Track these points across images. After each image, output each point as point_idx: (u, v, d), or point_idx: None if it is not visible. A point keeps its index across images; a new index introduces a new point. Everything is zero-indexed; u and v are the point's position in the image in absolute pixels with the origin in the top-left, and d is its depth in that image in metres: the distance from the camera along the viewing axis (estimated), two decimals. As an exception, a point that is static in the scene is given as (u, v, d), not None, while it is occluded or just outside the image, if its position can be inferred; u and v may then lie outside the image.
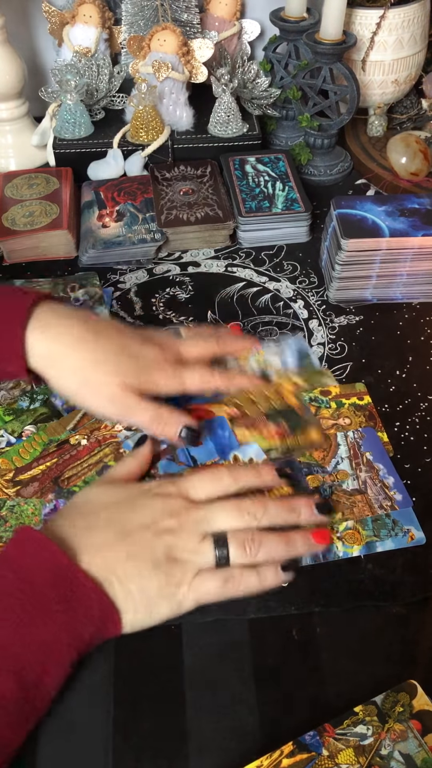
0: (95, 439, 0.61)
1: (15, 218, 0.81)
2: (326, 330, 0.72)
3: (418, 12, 0.91)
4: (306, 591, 0.51)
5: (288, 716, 0.45)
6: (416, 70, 0.97)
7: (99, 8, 0.94)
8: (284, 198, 0.84)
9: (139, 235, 0.81)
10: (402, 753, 0.42)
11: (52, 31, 0.97)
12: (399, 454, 0.60)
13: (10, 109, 0.94)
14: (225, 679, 0.47)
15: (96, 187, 0.88)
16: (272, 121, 1.00)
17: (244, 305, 0.76)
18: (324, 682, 0.47)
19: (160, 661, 0.47)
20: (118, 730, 0.45)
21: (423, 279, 0.74)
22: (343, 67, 0.87)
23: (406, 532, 0.54)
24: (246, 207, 0.83)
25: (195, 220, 0.81)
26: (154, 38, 0.91)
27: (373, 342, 0.71)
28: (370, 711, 0.44)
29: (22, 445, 0.60)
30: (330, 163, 0.94)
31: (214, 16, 0.99)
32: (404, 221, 0.72)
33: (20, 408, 0.64)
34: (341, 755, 0.42)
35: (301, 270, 0.80)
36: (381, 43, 0.92)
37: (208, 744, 0.44)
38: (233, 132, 0.92)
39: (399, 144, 0.89)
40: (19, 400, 0.64)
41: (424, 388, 0.66)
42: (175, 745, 0.44)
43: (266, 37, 1.00)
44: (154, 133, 0.91)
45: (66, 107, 0.91)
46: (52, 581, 0.43)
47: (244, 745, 0.44)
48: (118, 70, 0.95)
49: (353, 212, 0.73)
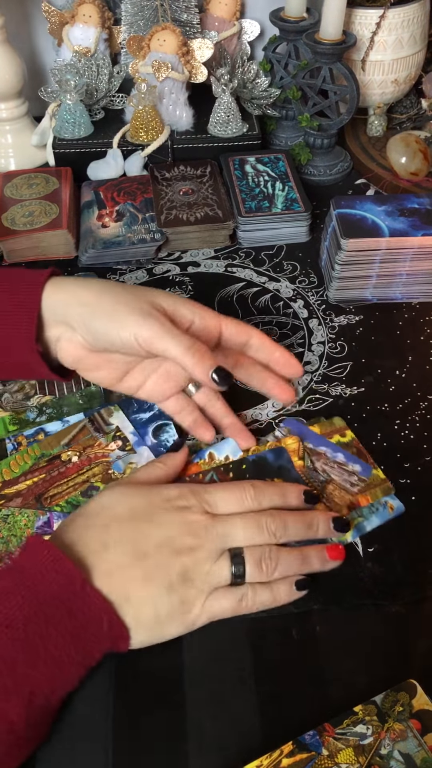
0: (86, 457, 0.58)
1: (15, 218, 0.81)
2: (326, 330, 0.72)
3: (418, 12, 0.91)
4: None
5: (288, 716, 0.45)
6: (416, 70, 0.97)
7: (98, 8, 0.94)
8: (284, 198, 0.84)
9: (138, 235, 0.81)
10: (402, 752, 0.42)
11: (52, 31, 0.97)
12: (399, 454, 0.60)
13: (9, 109, 0.94)
14: (225, 679, 0.47)
15: (96, 187, 0.88)
16: (272, 121, 1.00)
17: (244, 305, 0.76)
18: (324, 681, 0.47)
19: (160, 660, 0.47)
20: (118, 730, 0.44)
21: (423, 279, 0.74)
22: (343, 67, 0.87)
23: (384, 504, 0.55)
24: (246, 207, 0.83)
25: (195, 220, 0.81)
26: (153, 38, 0.91)
27: (373, 342, 0.71)
28: (370, 710, 0.44)
29: (14, 457, 0.58)
30: (330, 163, 0.94)
31: (213, 16, 0.99)
32: (404, 221, 0.72)
33: (27, 419, 0.62)
34: (341, 755, 0.42)
35: (300, 270, 0.80)
36: (381, 42, 0.92)
37: (208, 744, 0.44)
38: (233, 132, 0.92)
39: (399, 144, 0.89)
40: (28, 411, 0.62)
41: (424, 388, 0.66)
42: (175, 744, 0.44)
43: (266, 37, 1.00)
44: (153, 133, 0.91)
45: (66, 107, 0.91)
46: (64, 597, 0.42)
47: (244, 745, 0.44)
48: (118, 70, 0.96)
49: (353, 212, 0.73)
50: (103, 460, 0.58)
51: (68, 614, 0.41)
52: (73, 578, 0.42)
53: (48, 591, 0.42)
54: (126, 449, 0.59)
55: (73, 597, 0.42)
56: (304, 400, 0.65)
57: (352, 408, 0.64)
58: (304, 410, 0.64)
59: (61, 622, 0.41)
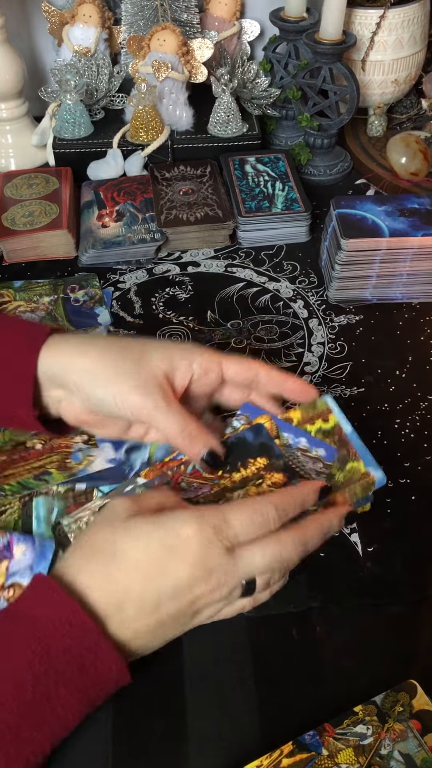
0: (50, 446, 0.60)
1: (15, 218, 0.81)
2: (326, 330, 0.72)
3: (418, 12, 0.91)
4: (305, 590, 0.51)
5: (288, 716, 0.45)
6: (416, 70, 0.97)
7: (99, 8, 0.94)
8: (284, 198, 0.84)
9: (138, 235, 0.81)
10: (402, 753, 0.42)
11: (52, 30, 0.97)
12: (399, 453, 0.60)
13: (10, 109, 0.94)
14: (225, 679, 0.47)
15: (96, 187, 0.88)
16: (272, 121, 1.00)
17: (244, 305, 0.76)
18: (324, 681, 0.47)
19: (160, 660, 0.47)
20: (118, 731, 0.45)
21: (423, 279, 0.74)
22: (343, 67, 0.87)
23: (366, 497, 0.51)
24: (246, 207, 0.83)
25: (195, 220, 0.81)
26: (153, 38, 0.91)
27: (373, 342, 0.71)
28: (370, 711, 0.44)
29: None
30: (330, 163, 0.94)
31: (213, 16, 0.99)
32: (404, 221, 0.72)
33: None
34: (341, 755, 0.42)
35: (300, 270, 0.80)
36: (381, 42, 0.92)
37: (208, 744, 0.44)
38: (233, 132, 0.92)
39: (399, 144, 0.89)
40: None
41: (424, 388, 0.66)
42: (175, 745, 0.44)
43: (266, 37, 1.00)
44: (153, 133, 0.91)
45: (66, 107, 0.91)
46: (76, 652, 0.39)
47: (244, 745, 0.44)
48: (118, 70, 0.96)
49: (353, 212, 0.73)
50: (64, 450, 0.60)
51: (79, 670, 0.39)
52: (88, 632, 0.40)
53: (60, 645, 0.39)
54: (89, 443, 0.61)
55: (86, 652, 0.40)
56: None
57: (352, 408, 0.64)
58: (304, 410, 0.64)
59: (72, 680, 0.39)
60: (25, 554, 0.52)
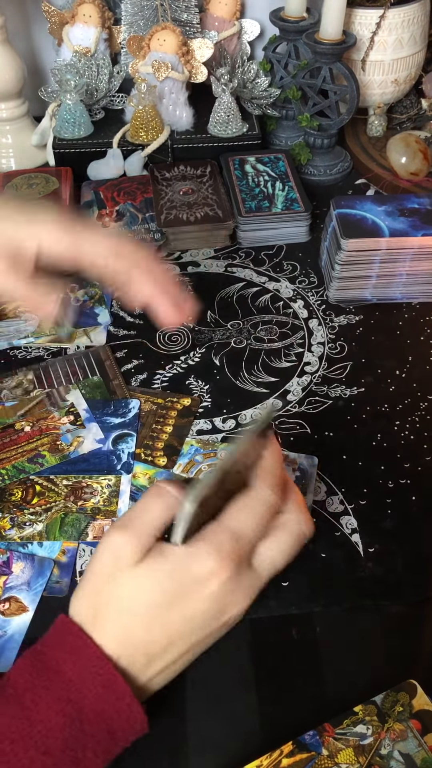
0: (38, 428, 0.62)
1: (15, 218, 0.81)
2: (326, 330, 0.72)
3: (418, 12, 0.91)
4: (306, 591, 0.51)
5: (288, 716, 0.45)
6: (416, 70, 0.97)
7: (98, 8, 0.94)
8: (284, 198, 0.84)
9: (138, 235, 0.81)
10: (402, 753, 0.42)
11: (52, 30, 0.97)
12: (399, 454, 0.60)
13: (9, 109, 0.94)
14: (225, 679, 0.47)
15: (96, 186, 0.88)
16: (272, 121, 1.00)
17: (244, 305, 0.76)
18: (324, 681, 0.47)
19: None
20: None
21: (423, 279, 0.74)
22: (343, 66, 0.87)
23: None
24: (246, 207, 0.83)
25: (195, 220, 0.81)
26: (153, 38, 0.91)
27: (373, 342, 0.71)
28: (370, 711, 0.44)
29: None
30: (330, 163, 0.94)
31: (213, 16, 0.99)
32: (404, 221, 0.72)
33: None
34: (341, 755, 0.42)
35: (300, 270, 0.80)
36: (381, 42, 0.92)
37: (208, 744, 0.44)
38: (233, 132, 0.92)
39: (399, 144, 0.89)
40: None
41: (424, 388, 0.66)
42: (175, 745, 0.44)
43: (266, 37, 1.00)
44: (153, 133, 0.91)
45: (66, 107, 0.91)
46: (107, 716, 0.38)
47: (244, 745, 0.44)
48: (118, 70, 0.96)
49: (353, 212, 0.73)
50: (53, 432, 0.62)
51: (108, 734, 0.38)
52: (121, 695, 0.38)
53: (92, 708, 0.38)
54: (76, 424, 0.62)
55: (116, 715, 0.38)
56: (303, 402, 0.65)
57: (352, 408, 0.64)
58: (304, 412, 0.64)
59: (100, 743, 0.38)
60: (23, 571, 0.53)
